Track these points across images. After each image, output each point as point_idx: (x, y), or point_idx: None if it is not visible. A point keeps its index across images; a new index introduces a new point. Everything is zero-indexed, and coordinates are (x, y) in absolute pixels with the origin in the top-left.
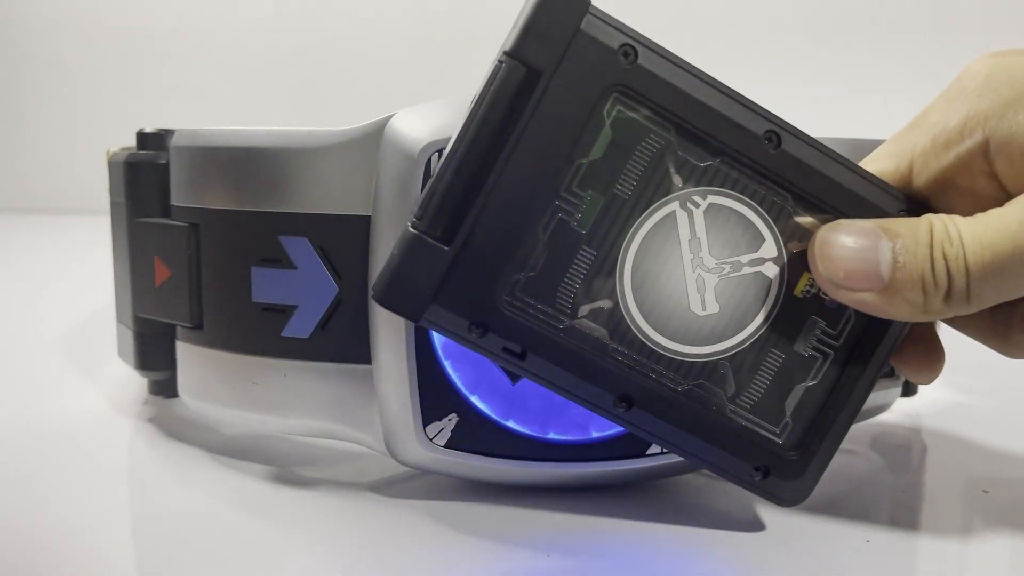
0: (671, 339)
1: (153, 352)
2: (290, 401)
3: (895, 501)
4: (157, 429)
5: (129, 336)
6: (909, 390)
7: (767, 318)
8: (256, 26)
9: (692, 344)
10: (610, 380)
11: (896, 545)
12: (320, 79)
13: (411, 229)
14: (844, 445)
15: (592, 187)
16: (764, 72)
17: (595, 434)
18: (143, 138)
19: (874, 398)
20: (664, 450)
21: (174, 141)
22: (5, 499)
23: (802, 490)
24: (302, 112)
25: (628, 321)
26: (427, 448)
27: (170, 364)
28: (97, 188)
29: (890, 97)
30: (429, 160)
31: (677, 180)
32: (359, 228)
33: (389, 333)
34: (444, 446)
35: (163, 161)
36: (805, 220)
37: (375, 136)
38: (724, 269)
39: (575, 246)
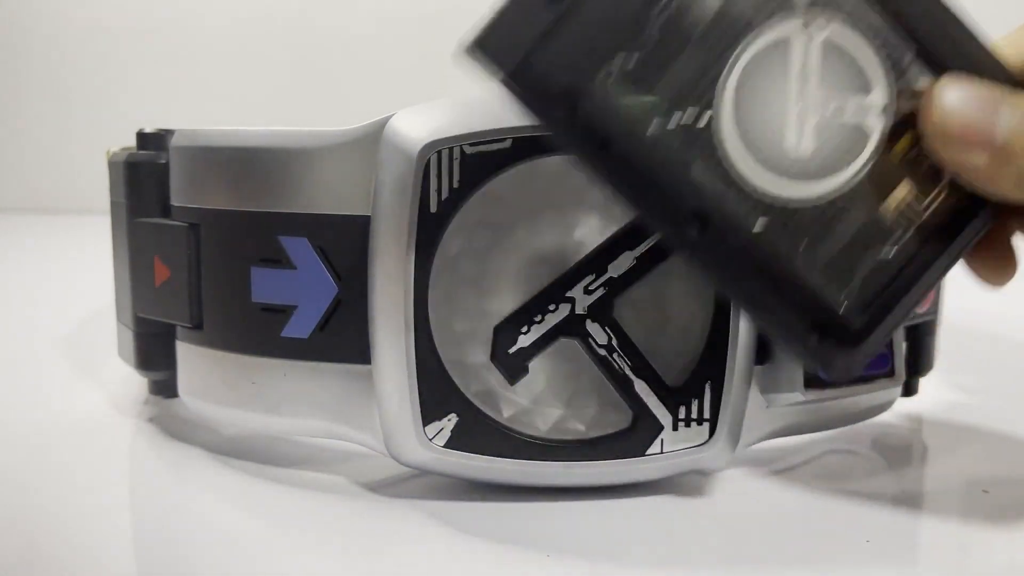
0: (758, 171)
1: (153, 352)
2: (290, 401)
3: (895, 501)
4: (157, 429)
5: (129, 336)
6: (909, 390)
7: (860, 171)
8: (256, 26)
9: (777, 182)
10: (688, 197)
11: (896, 545)
12: (320, 79)
13: None
14: (843, 445)
15: None
16: None
17: (595, 434)
18: (143, 138)
19: (874, 398)
20: (663, 450)
21: (174, 141)
22: (5, 499)
23: (854, 364)
24: (302, 112)
25: (719, 141)
26: (427, 448)
27: (170, 364)
28: (97, 188)
29: None
30: (428, 160)
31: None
32: (359, 228)
33: (389, 333)
34: (444, 446)
35: (163, 161)
36: (922, 76)
37: (375, 136)
38: (828, 108)
39: (684, 44)
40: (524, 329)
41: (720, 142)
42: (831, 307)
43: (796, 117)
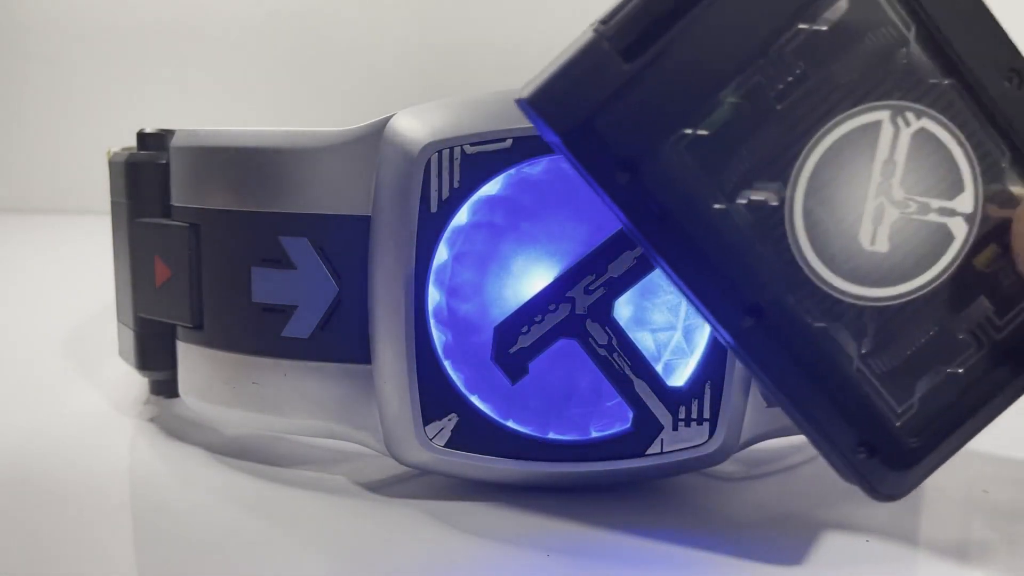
0: (826, 266)
1: (154, 352)
2: (290, 401)
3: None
4: (158, 429)
5: (130, 336)
6: None
7: (935, 280)
8: (257, 26)
9: (846, 279)
10: (746, 285)
11: (896, 545)
12: (320, 79)
13: (593, 32)
14: None
15: (805, 60)
16: None
17: (595, 434)
18: (143, 138)
19: None
20: (663, 450)
21: (174, 141)
22: (5, 499)
23: (904, 486)
24: (302, 112)
25: (788, 227)
26: (427, 448)
27: (171, 364)
28: (97, 188)
29: None
30: (429, 160)
31: (897, 88)
32: (359, 228)
33: (389, 333)
34: (444, 446)
35: (163, 161)
36: (1016, 186)
37: (375, 136)
38: (910, 207)
39: (763, 120)
40: (524, 329)
41: (790, 226)
42: (885, 423)
43: (874, 211)
